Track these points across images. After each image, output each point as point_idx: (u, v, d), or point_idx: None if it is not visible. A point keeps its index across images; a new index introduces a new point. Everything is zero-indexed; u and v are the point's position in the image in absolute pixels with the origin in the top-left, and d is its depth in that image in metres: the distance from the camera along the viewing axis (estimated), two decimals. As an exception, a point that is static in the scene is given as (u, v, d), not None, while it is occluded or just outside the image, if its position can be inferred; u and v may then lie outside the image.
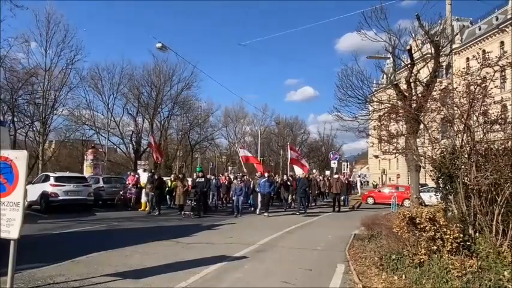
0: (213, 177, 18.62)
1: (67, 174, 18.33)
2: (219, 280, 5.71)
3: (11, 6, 13.07)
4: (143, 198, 16.54)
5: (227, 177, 19.87)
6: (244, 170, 22.93)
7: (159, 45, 19.79)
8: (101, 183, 18.07)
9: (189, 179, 17.50)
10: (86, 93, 35.14)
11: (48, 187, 14.97)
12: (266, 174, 16.47)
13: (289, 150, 22.06)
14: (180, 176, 16.98)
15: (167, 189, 17.72)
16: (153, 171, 19.35)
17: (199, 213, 14.75)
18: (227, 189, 18.49)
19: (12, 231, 4.51)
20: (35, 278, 5.49)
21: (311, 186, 19.02)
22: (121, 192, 17.48)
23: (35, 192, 15.44)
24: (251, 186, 17.40)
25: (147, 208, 15.96)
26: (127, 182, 17.66)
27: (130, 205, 16.87)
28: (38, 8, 28.26)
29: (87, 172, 24.34)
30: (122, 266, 6.39)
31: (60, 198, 14.85)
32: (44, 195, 14.86)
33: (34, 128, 30.29)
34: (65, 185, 15.15)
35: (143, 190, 16.55)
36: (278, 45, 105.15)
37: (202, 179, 15.91)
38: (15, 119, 28.30)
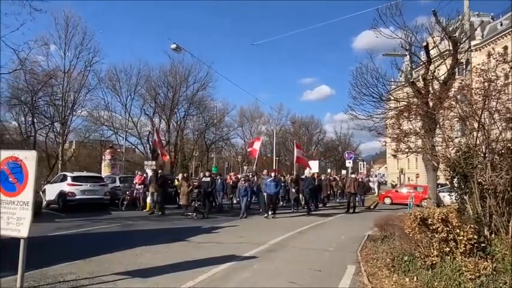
0: (219, 176, 17.94)
1: (84, 173, 18.68)
2: (226, 280, 5.69)
3: (30, 10, 13.34)
4: (148, 199, 15.90)
5: (233, 177, 19.15)
6: (253, 168, 22.79)
7: (173, 46, 19.94)
8: (117, 183, 18.32)
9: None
10: (104, 95, 35.88)
11: (65, 187, 15.29)
12: (272, 174, 15.64)
13: (295, 149, 21.82)
14: (185, 175, 16.19)
15: (174, 188, 17.32)
16: (158, 170, 18.47)
17: (204, 214, 14.24)
18: (232, 189, 17.88)
19: (22, 230, 4.60)
20: (46, 276, 5.60)
21: (322, 186, 18.72)
22: (127, 192, 16.72)
23: (53, 191, 15.87)
24: (260, 185, 16.66)
25: (148, 208, 15.45)
26: (134, 182, 17.13)
27: (138, 205, 16.33)
28: (56, 11, 28.87)
29: (105, 172, 24.80)
30: (132, 265, 6.45)
31: (77, 197, 15.14)
32: (62, 195, 15.18)
33: (54, 129, 31.00)
34: (81, 185, 15.44)
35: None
36: (293, 43, 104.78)
37: (208, 179, 15.35)
38: (35, 120, 29.06)
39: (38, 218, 12.27)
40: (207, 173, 16.12)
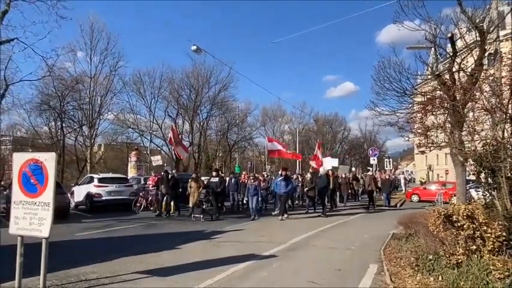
0: (231, 175, 16.91)
1: (110, 175, 19.10)
2: (244, 279, 5.66)
3: (57, 18, 13.84)
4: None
5: (246, 176, 17.70)
6: (267, 166, 22.25)
7: (194, 47, 20.07)
8: (142, 183, 18.67)
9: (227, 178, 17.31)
10: (129, 98, 36.68)
11: (92, 188, 15.73)
12: (282, 172, 14.38)
13: (316, 148, 21.02)
14: (194, 175, 14.83)
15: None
16: (168, 171, 16.88)
17: (212, 216, 13.44)
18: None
19: (44, 230, 4.70)
20: (69, 275, 5.74)
21: (340, 184, 18.04)
22: (141, 194, 15.97)
23: (80, 193, 16.38)
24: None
25: (164, 210, 14.52)
26: (147, 183, 16.35)
27: (151, 208, 15.46)
28: (82, 18, 29.83)
29: (132, 173, 25.41)
30: (153, 264, 6.53)
31: (104, 198, 15.53)
32: (89, 196, 15.62)
33: (82, 133, 31.96)
34: (108, 186, 15.82)
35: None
36: (315, 40, 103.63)
37: (217, 179, 14.43)
38: (64, 125, 30.07)
39: (66, 219, 12.83)
40: (214, 173, 15.15)
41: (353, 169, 29.25)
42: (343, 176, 19.98)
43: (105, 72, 31.26)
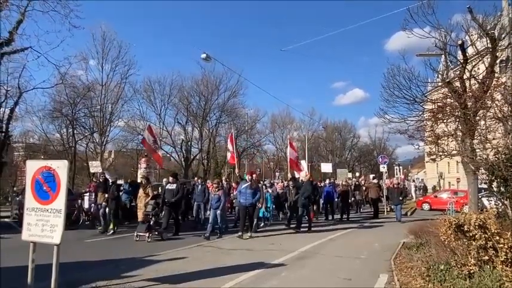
0: (199, 181, 13.96)
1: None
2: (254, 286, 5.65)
3: (70, 27, 14.12)
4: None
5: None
6: (237, 172, 18.82)
7: (203, 55, 20.25)
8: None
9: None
10: (140, 105, 36.96)
11: (102, 195, 15.80)
12: (248, 177, 11.45)
13: (288, 148, 17.87)
14: (144, 181, 11.69)
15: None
16: (104, 173, 14.64)
17: (162, 235, 10.52)
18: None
19: (55, 236, 4.76)
20: (80, 281, 5.76)
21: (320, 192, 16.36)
22: (76, 205, 13.51)
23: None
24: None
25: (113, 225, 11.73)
26: (87, 190, 14.44)
27: (96, 222, 12.97)
28: (94, 27, 30.17)
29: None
30: (162, 271, 6.55)
31: (112, 204, 15.55)
32: (99, 202, 15.69)
33: (94, 140, 32.27)
34: (118, 193, 15.87)
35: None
36: (324, 48, 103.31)
37: (174, 186, 11.48)
38: (75, 131, 30.43)
39: (77, 225, 12.92)
40: (170, 179, 12.07)
41: (357, 174, 28.49)
42: (344, 183, 17.99)
43: (116, 80, 31.58)
